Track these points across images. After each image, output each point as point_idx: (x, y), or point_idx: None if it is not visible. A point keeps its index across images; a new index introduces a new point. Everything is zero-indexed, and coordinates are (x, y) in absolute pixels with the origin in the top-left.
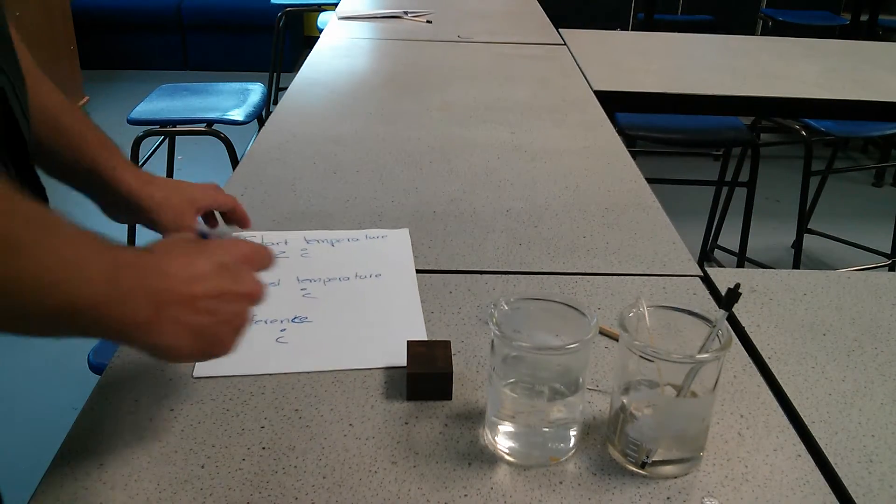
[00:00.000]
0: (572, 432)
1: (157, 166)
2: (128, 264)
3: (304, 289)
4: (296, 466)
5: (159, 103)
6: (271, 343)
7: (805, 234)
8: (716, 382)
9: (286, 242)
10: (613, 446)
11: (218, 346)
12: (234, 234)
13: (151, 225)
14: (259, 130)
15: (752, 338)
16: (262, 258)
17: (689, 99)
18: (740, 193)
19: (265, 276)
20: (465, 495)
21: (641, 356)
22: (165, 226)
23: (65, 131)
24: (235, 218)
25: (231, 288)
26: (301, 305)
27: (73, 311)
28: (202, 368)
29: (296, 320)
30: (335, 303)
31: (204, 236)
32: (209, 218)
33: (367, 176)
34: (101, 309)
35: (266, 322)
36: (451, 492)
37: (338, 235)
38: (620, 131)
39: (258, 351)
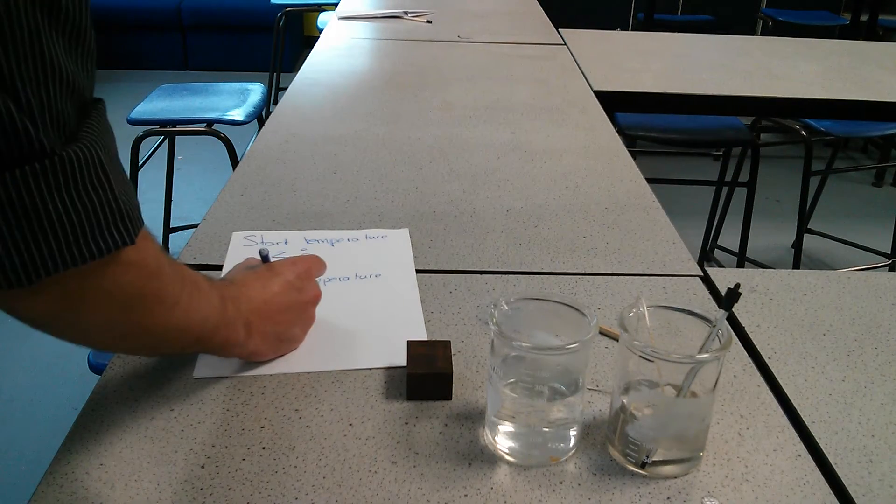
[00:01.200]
0: (572, 432)
1: (157, 166)
2: (228, 297)
3: None
4: (296, 466)
5: (159, 103)
6: None
7: (805, 234)
8: (716, 382)
9: (286, 242)
10: (613, 446)
11: (293, 343)
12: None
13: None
14: (259, 130)
15: (752, 338)
16: (318, 268)
17: (689, 99)
18: (740, 193)
19: None
20: (465, 495)
21: (641, 356)
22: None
23: None
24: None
25: (298, 299)
26: None
27: (197, 342)
28: (202, 369)
29: None
30: (335, 303)
31: (266, 259)
32: None
33: (367, 176)
34: (214, 336)
35: None
36: (451, 492)
37: (338, 235)
38: (620, 131)
39: None
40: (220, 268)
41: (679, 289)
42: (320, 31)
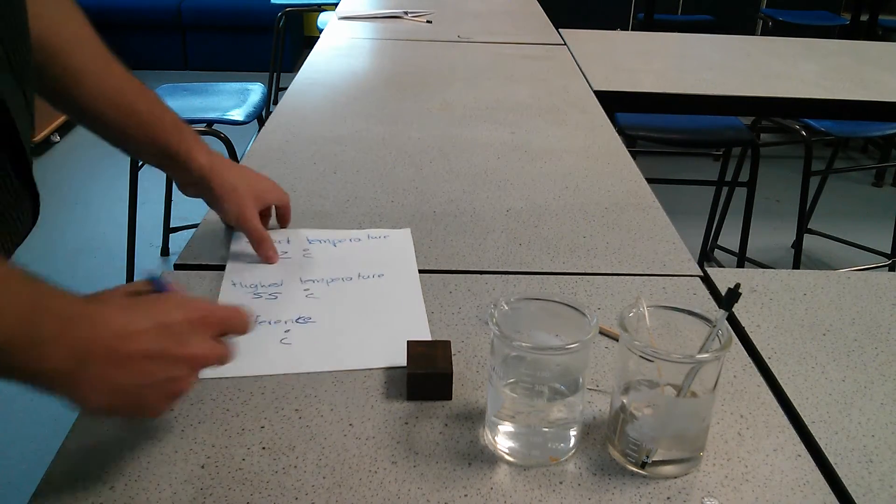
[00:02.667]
0: (572, 432)
1: None
2: (51, 309)
3: (308, 289)
4: (296, 466)
5: None
6: (275, 344)
7: (805, 234)
8: (716, 382)
9: (288, 241)
10: (613, 446)
11: (144, 409)
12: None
13: (216, 208)
14: (259, 130)
15: (752, 338)
16: (226, 323)
17: (689, 99)
18: (740, 193)
19: (271, 276)
20: (465, 495)
21: (641, 356)
22: (227, 213)
23: (138, 115)
24: (282, 214)
25: (171, 350)
26: (304, 306)
27: None
28: (205, 371)
29: (300, 320)
30: (339, 303)
31: (160, 289)
32: (263, 215)
33: (367, 176)
34: (13, 351)
35: (270, 323)
36: (451, 492)
37: (340, 235)
38: (620, 131)
39: (262, 352)
40: (221, 268)
41: (679, 289)
42: (320, 31)
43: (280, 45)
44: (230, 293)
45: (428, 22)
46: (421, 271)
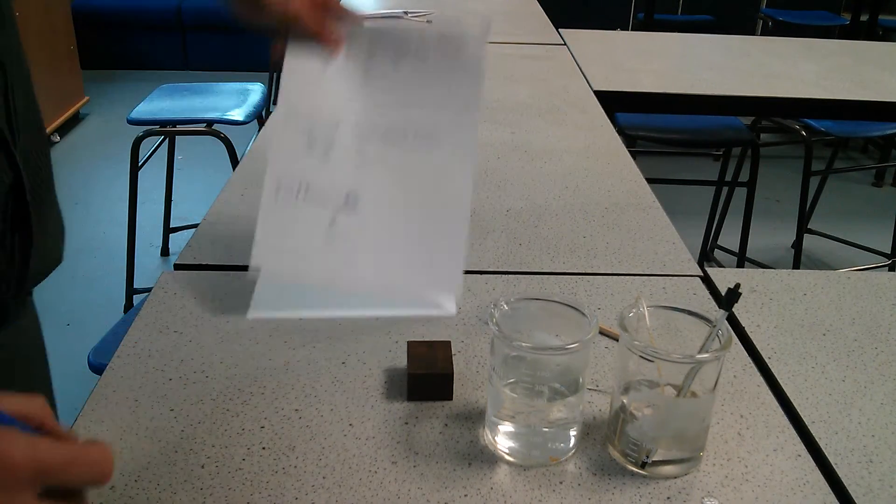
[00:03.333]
0: (572, 432)
1: (156, 166)
2: None
3: (361, 148)
4: (296, 466)
5: (159, 103)
6: (318, 246)
7: (805, 234)
8: (716, 382)
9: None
10: (613, 446)
11: None
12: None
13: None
14: (259, 130)
15: (752, 338)
16: (73, 473)
17: (689, 99)
18: (740, 193)
19: (328, 108)
20: (465, 495)
21: (641, 356)
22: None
23: None
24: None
25: None
26: (355, 176)
27: None
28: (258, 311)
29: (348, 201)
30: (388, 190)
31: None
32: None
33: None
34: None
35: (318, 203)
36: (451, 492)
37: (404, 46)
38: (620, 131)
39: (306, 250)
40: (221, 268)
41: (679, 289)
42: None
43: None
44: (283, 131)
45: (428, 22)
46: None
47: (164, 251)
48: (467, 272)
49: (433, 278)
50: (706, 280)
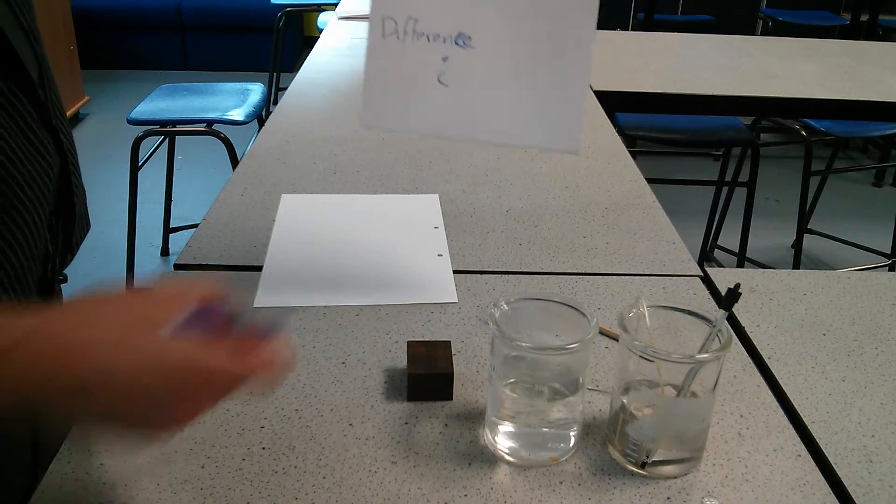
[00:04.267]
0: (572, 432)
1: (156, 166)
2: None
3: None
4: (296, 466)
5: (159, 103)
6: (432, 85)
7: (805, 234)
8: (716, 382)
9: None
10: (613, 446)
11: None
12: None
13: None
14: (259, 130)
15: (752, 338)
16: (236, 385)
17: (689, 99)
18: (740, 193)
19: None
20: (465, 495)
21: (641, 356)
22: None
23: None
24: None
25: (156, 422)
26: (466, 13)
27: None
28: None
29: (459, 41)
30: (502, 28)
31: (203, 317)
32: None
33: (366, 176)
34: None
35: (429, 39)
36: (451, 492)
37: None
38: (620, 131)
39: (419, 95)
40: (221, 268)
41: (679, 289)
42: (320, 31)
43: (280, 45)
44: None
45: None
46: None
47: (164, 251)
48: (467, 272)
49: (551, 131)
50: (706, 280)
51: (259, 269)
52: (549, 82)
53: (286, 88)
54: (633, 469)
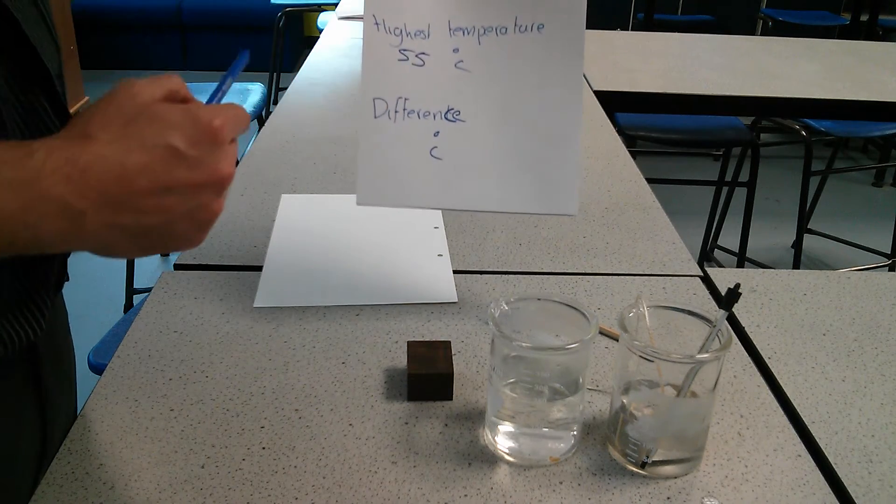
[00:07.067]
0: (572, 432)
1: None
2: (45, 170)
3: (457, 51)
4: (296, 466)
5: None
6: (424, 160)
7: (805, 234)
8: (716, 382)
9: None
10: (613, 446)
11: (178, 243)
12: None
13: None
14: (259, 130)
15: (752, 338)
16: (232, 124)
17: (689, 99)
18: (740, 193)
19: (418, 13)
20: (465, 495)
21: (641, 356)
22: None
23: None
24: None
25: (187, 178)
26: (455, 88)
27: None
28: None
29: (449, 116)
30: (491, 98)
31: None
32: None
33: None
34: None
35: (420, 116)
36: (451, 492)
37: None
38: (620, 131)
39: (411, 171)
40: (221, 268)
41: (679, 289)
42: (320, 31)
43: (280, 45)
44: (374, 38)
45: None
46: None
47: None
48: (467, 272)
49: (547, 195)
50: (706, 280)
51: (259, 269)
52: (542, 149)
53: (286, 88)
54: (633, 469)
